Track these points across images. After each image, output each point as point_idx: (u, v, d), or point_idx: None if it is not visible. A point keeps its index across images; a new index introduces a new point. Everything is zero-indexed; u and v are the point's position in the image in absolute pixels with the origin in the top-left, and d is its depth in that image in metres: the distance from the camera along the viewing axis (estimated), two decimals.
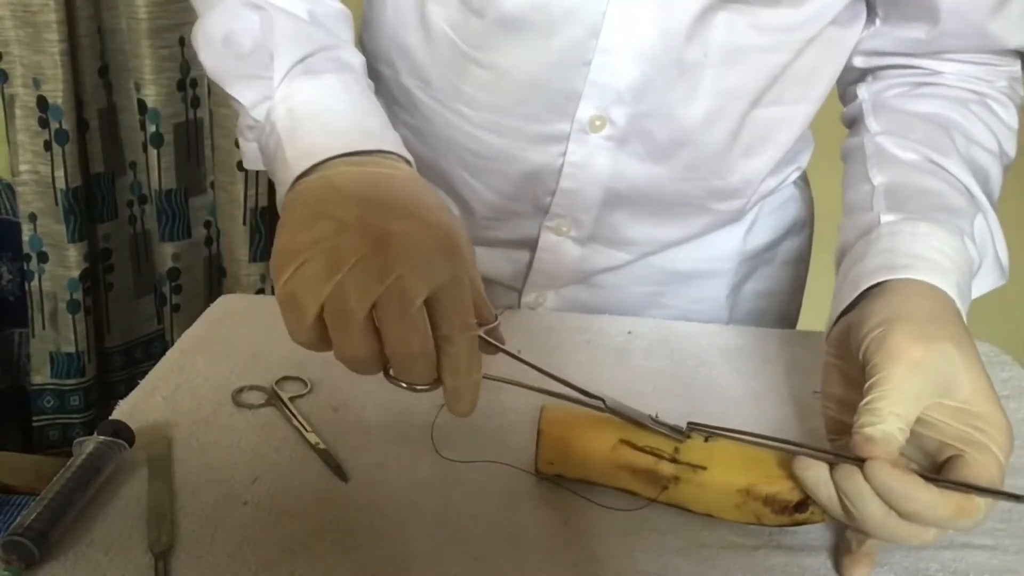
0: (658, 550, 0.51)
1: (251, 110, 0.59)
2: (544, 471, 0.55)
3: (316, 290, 0.42)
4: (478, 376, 0.47)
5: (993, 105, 0.67)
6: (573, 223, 0.72)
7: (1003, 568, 0.52)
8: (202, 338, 0.70)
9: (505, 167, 0.69)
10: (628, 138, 0.67)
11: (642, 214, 0.72)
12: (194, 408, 0.61)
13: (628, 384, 0.67)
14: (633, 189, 0.70)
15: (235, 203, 1.58)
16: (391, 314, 0.43)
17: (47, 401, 1.57)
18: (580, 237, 0.74)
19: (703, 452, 0.52)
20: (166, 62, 1.48)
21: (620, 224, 0.73)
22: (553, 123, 0.66)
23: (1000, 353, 0.74)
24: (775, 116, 0.69)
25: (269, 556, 0.49)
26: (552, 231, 0.73)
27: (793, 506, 0.50)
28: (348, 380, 0.65)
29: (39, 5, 1.35)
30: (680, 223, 0.75)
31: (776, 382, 0.69)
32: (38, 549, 0.46)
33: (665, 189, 0.70)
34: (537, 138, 0.67)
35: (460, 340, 0.45)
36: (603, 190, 0.69)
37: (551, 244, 0.74)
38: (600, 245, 0.75)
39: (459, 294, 0.44)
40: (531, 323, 0.74)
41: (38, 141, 1.43)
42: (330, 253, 0.43)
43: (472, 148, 0.69)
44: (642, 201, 0.71)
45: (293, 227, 0.45)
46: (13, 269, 1.53)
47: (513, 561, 0.50)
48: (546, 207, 0.71)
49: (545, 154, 0.68)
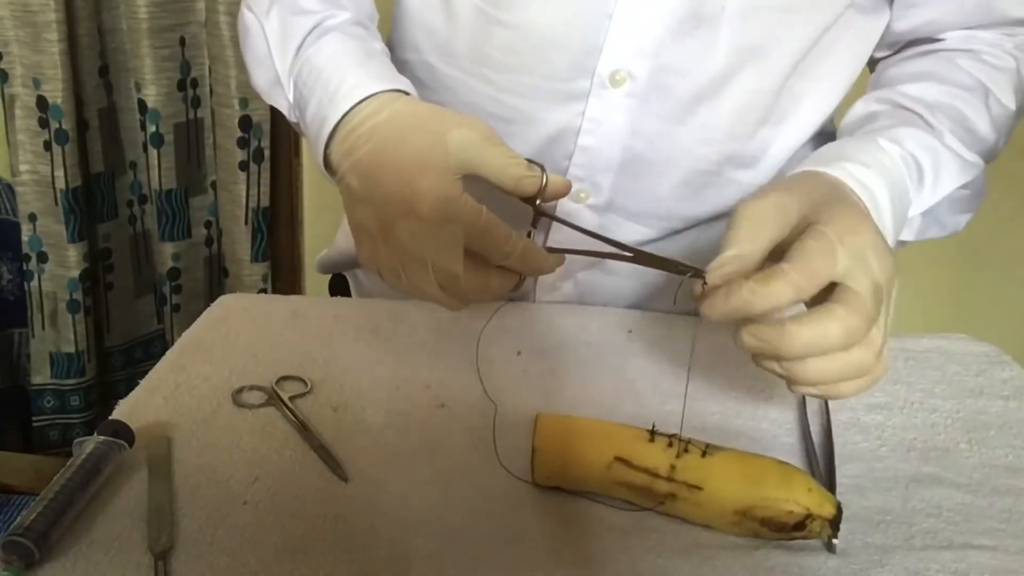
0: (658, 550, 0.51)
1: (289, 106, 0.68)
2: (541, 484, 0.55)
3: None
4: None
5: (985, 57, 0.68)
6: (592, 188, 0.72)
7: (1003, 568, 0.52)
8: (202, 338, 0.70)
9: (526, 130, 0.70)
10: (647, 95, 0.67)
11: (660, 183, 0.72)
12: (194, 408, 0.61)
13: (628, 384, 0.67)
14: (652, 149, 0.70)
15: (237, 203, 1.58)
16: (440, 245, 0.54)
17: (47, 401, 1.57)
18: (598, 205, 0.73)
19: (700, 470, 0.52)
20: (166, 62, 1.48)
21: (638, 193, 0.73)
22: (575, 80, 0.68)
23: (1000, 353, 0.74)
24: (793, 88, 0.70)
25: (269, 556, 0.49)
26: (571, 198, 0.72)
27: (791, 526, 0.50)
28: (348, 380, 0.65)
29: (39, 5, 1.35)
30: (700, 196, 0.74)
31: (776, 382, 0.69)
32: (38, 549, 0.46)
33: (683, 151, 0.70)
34: (559, 96, 0.69)
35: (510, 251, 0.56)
36: (621, 150, 0.70)
37: (567, 212, 0.73)
38: (618, 216, 0.74)
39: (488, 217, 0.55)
40: (531, 323, 0.74)
41: (38, 141, 1.43)
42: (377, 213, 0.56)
43: (495, 113, 0.70)
44: (660, 166, 0.71)
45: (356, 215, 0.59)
46: (13, 269, 1.53)
47: (513, 561, 0.50)
48: (564, 171, 0.71)
49: (566, 113, 0.69)
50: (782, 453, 0.55)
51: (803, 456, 0.60)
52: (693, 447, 0.53)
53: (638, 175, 0.71)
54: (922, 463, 0.61)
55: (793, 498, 0.50)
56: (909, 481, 0.59)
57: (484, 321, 0.74)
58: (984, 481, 0.59)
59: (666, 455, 0.52)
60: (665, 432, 0.54)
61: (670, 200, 0.73)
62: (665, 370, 0.69)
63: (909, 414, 0.66)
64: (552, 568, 0.49)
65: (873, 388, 0.51)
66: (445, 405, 0.63)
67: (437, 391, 0.64)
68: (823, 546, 0.52)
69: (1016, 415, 0.66)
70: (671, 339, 0.74)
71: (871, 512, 0.55)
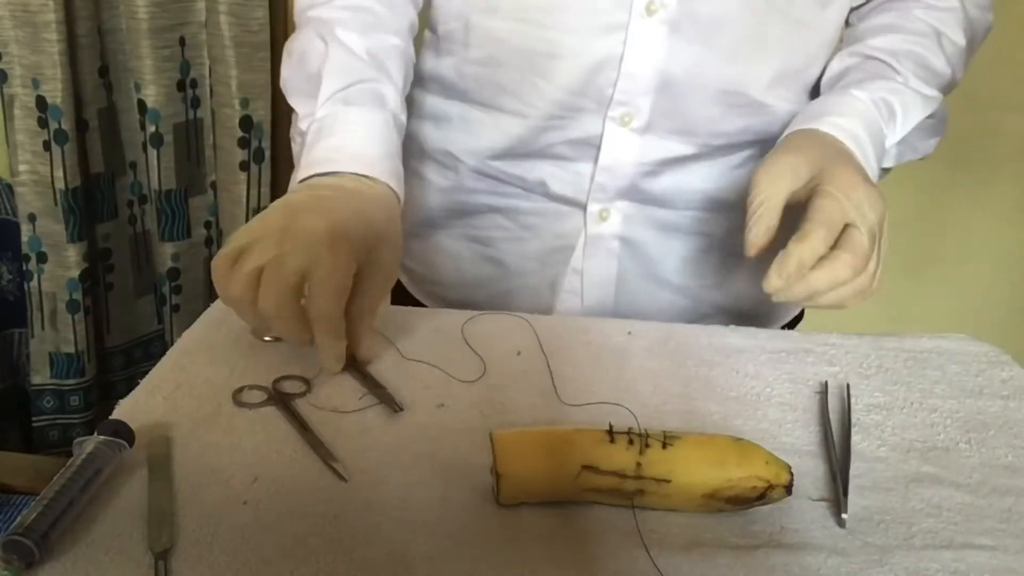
0: (658, 550, 0.51)
1: (300, 121, 0.76)
2: (505, 504, 0.53)
3: (234, 254, 0.62)
4: (332, 346, 0.64)
5: (933, 2, 0.81)
6: (634, 111, 0.78)
7: (1003, 568, 0.52)
8: (202, 338, 0.70)
9: (572, 63, 0.77)
10: (679, 21, 0.74)
11: (694, 102, 0.78)
12: (194, 408, 0.61)
13: (628, 384, 0.67)
14: (685, 72, 0.76)
15: (237, 203, 1.58)
16: (266, 276, 0.60)
17: (47, 401, 1.57)
18: (639, 127, 0.79)
19: (664, 463, 0.53)
20: (166, 62, 1.48)
21: (675, 113, 0.79)
22: (614, 12, 0.75)
23: (1000, 353, 0.74)
24: (792, 21, 0.77)
25: (269, 556, 0.49)
26: (615, 121, 0.79)
27: (754, 499, 0.53)
28: (348, 380, 0.65)
29: (38, 5, 1.35)
30: (731, 115, 0.80)
31: (776, 382, 0.69)
32: (38, 549, 0.46)
33: (712, 72, 0.77)
34: (601, 29, 0.76)
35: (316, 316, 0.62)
36: (658, 74, 0.76)
37: (614, 137, 0.79)
38: (657, 136, 0.80)
39: (325, 279, 0.61)
40: (531, 323, 0.74)
41: (37, 141, 1.43)
42: (251, 235, 0.63)
43: (544, 51, 0.77)
44: (693, 87, 0.77)
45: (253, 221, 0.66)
46: (13, 269, 1.53)
47: (513, 561, 0.50)
48: (608, 99, 0.78)
49: (608, 42, 0.76)
50: (782, 453, 0.55)
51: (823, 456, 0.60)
52: (653, 440, 0.53)
53: (674, 96, 0.77)
54: (922, 463, 0.61)
55: (754, 474, 0.53)
56: (909, 481, 0.59)
57: (484, 322, 0.74)
58: (984, 481, 0.59)
59: (630, 453, 0.53)
60: (621, 429, 0.54)
61: (704, 119, 0.79)
62: (665, 370, 0.69)
63: (909, 414, 0.66)
64: (552, 568, 0.49)
65: (866, 298, 0.66)
66: (445, 405, 0.63)
67: (437, 391, 0.64)
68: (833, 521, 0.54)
69: (1016, 415, 0.66)
70: (671, 339, 0.74)
71: (871, 512, 0.55)
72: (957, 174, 1.67)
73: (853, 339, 0.75)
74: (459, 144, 0.86)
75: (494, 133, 0.83)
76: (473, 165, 0.86)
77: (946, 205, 1.73)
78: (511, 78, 0.80)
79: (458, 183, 0.88)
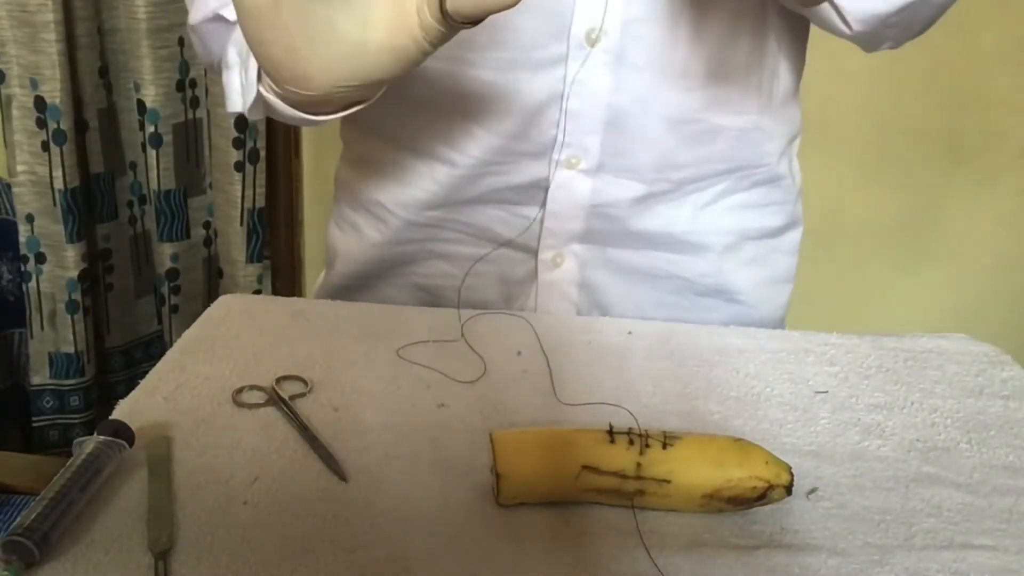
0: (658, 550, 0.51)
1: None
2: (505, 504, 0.54)
3: None
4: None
5: None
6: (581, 152, 0.73)
7: (1003, 568, 0.52)
8: (202, 338, 0.70)
9: (511, 104, 0.71)
10: (624, 49, 0.69)
11: (647, 136, 0.73)
12: (194, 408, 0.61)
13: (628, 384, 0.67)
14: (635, 102, 0.71)
15: (232, 204, 1.58)
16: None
17: (47, 401, 1.57)
18: (589, 168, 0.74)
19: (665, 463, 0.53)
20: (165, 62, 1.48)
21: (627, 149, 0.73)
22: (550, 45, 0.69)
23: (1000, 353, 0.74)
24: (762, 38, 0.72)
25: (269, 556, 0.49)
26: (562, 165, 0.73)
27: (754, 499, 0.53)
28: (348, 380, 0.65)
29: (36, 5, 1.35)
30: (688, 147, 0.74)
31: (776, 382, 0.69)
32: (38, 549, 0.46)
33: (665, 100, 0.71)
34: (538, 64, 0.69)
35: None
36: (605, 107, 0.71)
37: (562, 181, 0.74)
38: (610, 175, 0.74)
39: None
40: (531, 323, 0.74)
41: (35, 141, 1.43)
42: None
43: (478, 92, 0.71)
44: (645, 119, 0.72)
45: None
46: (12, 269, 1.53)
47: (513, 561, 0.50)
48: (552, 140, 0.72)
49: (548, 79, 0.70)
50: (782, 453, 0.56)
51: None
52: (653, 440, 0.53)
53: (624, 131, 0.72)
54: (922, 463, 0.61)
55: (755, 474, 0.53)
56: (909, 481, 0.59)
57: (484, 321, 0.74)
58: (984, 481, 0.59)
59: (631, 454, 0.53)
60: (622, 429, 0.54)
61: (658, 153, 0.74)
62: (665, 370, 0.69)
63: (909, 414, 0.66)
64: (552, 568, 0.49)
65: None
66: (445, 405, 0.63)
67: (437, 391, 0.64)
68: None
69: (1016, 415, 0.66)
70: (671, 339, 0.74)
71: (871, 512, 0.55)
72: (957, 174, 1.68)
73: (853, 339, 0.75)
74: (390, 194, 0.79)
75: (427, 182, 0.76)
76: (405, 217, 0.79)
77: (946, 205, 1.73)
78: (443, 124, 0.74)
79: (391, 236, 0.80)
